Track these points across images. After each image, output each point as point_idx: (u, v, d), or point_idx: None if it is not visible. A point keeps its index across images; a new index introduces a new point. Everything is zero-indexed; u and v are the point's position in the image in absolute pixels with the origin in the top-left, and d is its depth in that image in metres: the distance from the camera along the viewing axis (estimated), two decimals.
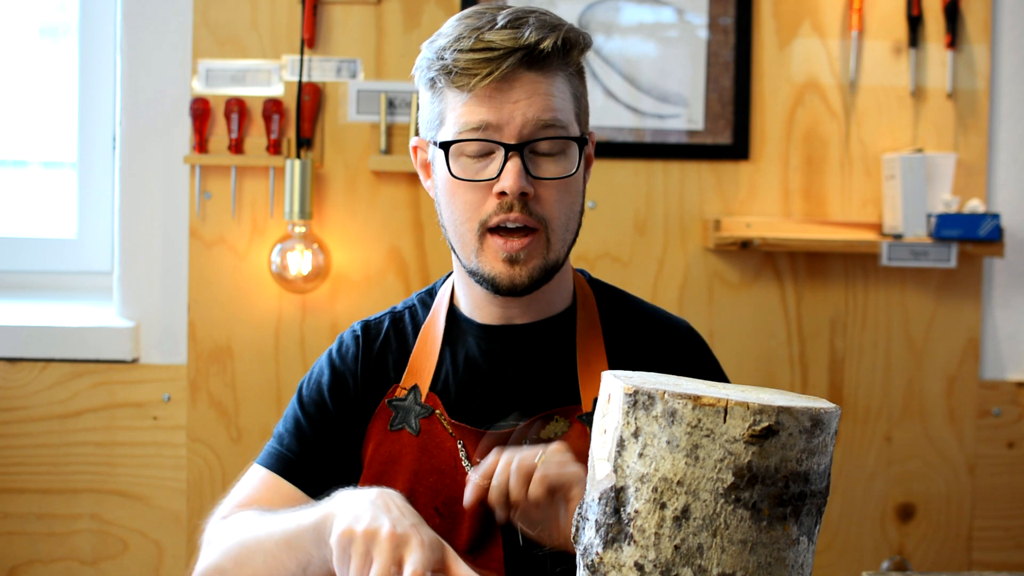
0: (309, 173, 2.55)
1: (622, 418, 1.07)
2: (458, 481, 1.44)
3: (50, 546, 2.65)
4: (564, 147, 1.40)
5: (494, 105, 1.37)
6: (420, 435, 1.46)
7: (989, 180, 2.70)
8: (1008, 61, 2.70)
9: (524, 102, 1.37)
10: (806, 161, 2.68)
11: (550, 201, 1.39)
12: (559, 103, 1.39)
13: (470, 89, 1.37)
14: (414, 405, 1.47)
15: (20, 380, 2.63)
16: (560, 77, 1.40)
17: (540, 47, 1.36)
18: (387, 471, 1.47)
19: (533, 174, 1.38)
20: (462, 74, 1.37)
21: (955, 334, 2.71)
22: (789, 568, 1.06)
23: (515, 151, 1.37)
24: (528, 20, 1.38)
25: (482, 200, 1.39)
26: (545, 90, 1.38)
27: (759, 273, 2.68)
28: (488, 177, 1.38)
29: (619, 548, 1.07)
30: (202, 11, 2.61)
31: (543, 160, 1.39)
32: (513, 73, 1.36)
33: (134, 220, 2.65)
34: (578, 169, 1.41)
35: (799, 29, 2.67)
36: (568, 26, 1.41)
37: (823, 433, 1.05)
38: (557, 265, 1.43)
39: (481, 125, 1.37)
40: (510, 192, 1.37)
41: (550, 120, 1.38)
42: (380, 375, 1.51)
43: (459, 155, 1.40)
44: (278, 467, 1.49)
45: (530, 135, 1.37)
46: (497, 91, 1.37)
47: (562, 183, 1.40)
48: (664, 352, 1.51)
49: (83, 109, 2.86)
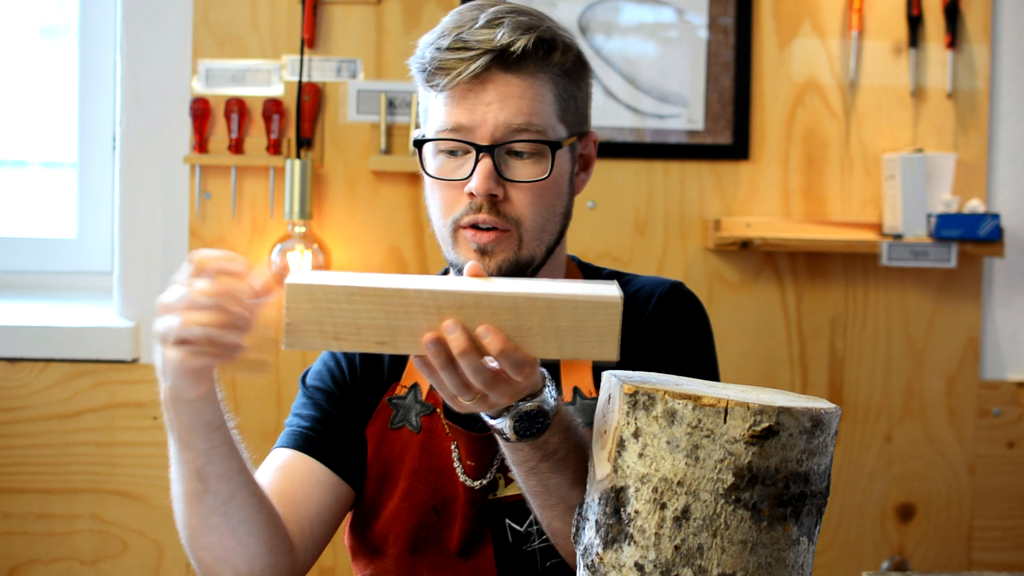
0: (309, 173, 2.55)
1: (622, 418, 1.07)
2: (455, 482, 1.44)
3: (50, 546, 2.65)
4: (540, 149, 1.38)
5: (467, 106, 1.36)
6: (421, 432, 1.46)
7: (989, 180, 2.70)
8: (1008, 61, 2.70)
9: (497, 104, 1.36)
10: (806, 161, 2.68)
11: (522, 203, 1.38)
12: (535, 106, 1.37)
13: (442, 89, 1.37)
14: (414, 403, 1.47)
15: (20, 380, 2.63)
16: (541, 79, 1.38)
17: (511, 49, 1.35)
18: (389, 469, 1.47)
19: (505, 176, 1.37)
20: (436, 73, 1.37)
21: (955, 334, 2.71)
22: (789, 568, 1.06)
23: (486, 152, 1.36)
24: (504, 20, 1.36)
25: (456, 199, 1.39)
26: (519, 92, 1.36)
27: (759, 273, 2.68)
28: (460, 177, 1.38)
29: (619, 548, 1.07)
30: (202, 11, 2.61)
31: (517, 162, 1.38)
32: (487, 74, 1.35)
33: (134, 220, 2.65)
34: (552, 172, 1.38)
35: (799, 29, 2.67)
36: (544, 27, 1.39)
37: (823, 433, 1.05)
38: (532, 262, 1.41)
39: (455, 126, 1.37)
40: (478, 194, 1.36)
41: (523, 124, 1.36)
42: (380, 373, 1.51)
43: (436, 153, 1.40)
44: (297, 444, 1.46)
45: (503, 137, 1.36)
46: (471, 92, 1.36)
47: (536, 186, 1.38)
48: (651, 317, 1.49)
49: (83, 109, 2.85)
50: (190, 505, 1.27)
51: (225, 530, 1.28)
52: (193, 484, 1.26)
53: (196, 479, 1.25)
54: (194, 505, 1.27)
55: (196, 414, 1.22)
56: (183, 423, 1.22)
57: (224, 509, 1.27)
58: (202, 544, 1.29)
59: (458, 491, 1.43)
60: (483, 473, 1.43)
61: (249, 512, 1.29)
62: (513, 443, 1.19)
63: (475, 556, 1.43)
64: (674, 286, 1.52)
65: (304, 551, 1.40)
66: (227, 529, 1.28)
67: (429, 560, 1.44)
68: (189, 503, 1.27)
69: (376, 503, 1.47)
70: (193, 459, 1.24)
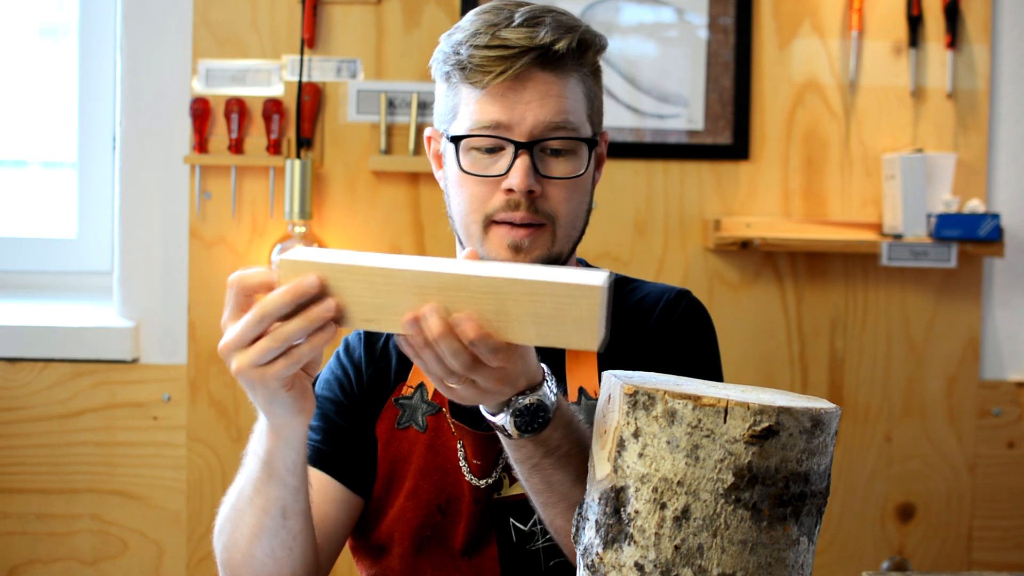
0: (309, 173, 2.55)
1: (622, 418, 1.07)
2: (460, 481, 1.44)
3: (50, 546, 2.65)
4: (574, 147, 1.41)
5: (507, 104, 1.38)
6: (427, 432, 1.46)
7: (989, 180, 2.70)
8: (1008, 61, 2.70)
9: (536, 103, 1.38)
10: (806, 161, 2.68)
11: (558, 199, 1.40)
12: (571, 104, 1.39)
13: (483, 86, 1.38)
14: (421, 403, 1.48)
15: (20, 380, 2.63)
16: (574, 78, 1.41)
17: (555, 48, 1.37)
18: (396, 469, 1.47)
19: (542, 172, 1.39)
20: (476, 71, 1.37)
21: (955, 334, 2.71)
22: (789, 568, 1.06)
23: (525, 149, 1.38)
24: (545, 20, 1.38)
25: (489, 194, 1.40)
26: (558, 91, 1.39)
27: (759, 273, 2.68)
28: (497, 173, 1.39)
29: (619, 548, 1.07)
30: (202, 11, 2.61)
31: (552, 159, 1.40)
32: (527, 72, 1.37)
33: (134, 220, 2.65)
34: (587, 169, 1.42)
35: (799, 29, 2.67)
36: (585, 27, 1.42)
37: (823, 433, 1.05)
38: (560, 259, 1.43)
39: (493, 123, 1.38)
40: (517, 190, 1.38)
41: (561, 122, 1.38)
42: (385, 374, 1.51)
43: (469, 149, 1.41)
44: (311, 459, 1.47)
45: (540, 135, 1.38)
46: (510, 90, 1.37)
47: (571, 182, 1.41)
48: (656, 323, 1.50)
49: (83, 109, 2.86)
50: (262, 538, 1.29)
51: (287, 561, 1.31)
52: (275, 520, 1.28)
53: (280, 515, 1.28)
54: (267, 539, 1.29)
55: (299, 450, 1.25)
56: (286, 459, 1.25)
57: (292, 543, 1.30)
58: (258, 572, 1.32)
59: (463, 490, 1.43)
60: (488, 472, 1.43)
61: (310, 544, 1.33)
62: (515, 440, 1.19)
63: (479, 555, 1.43)
64: (680, 293, 1.53)
65: (325, 570, 1.43)
66: (289, 560, 1.31)
67: (433, 559, 1.45)
68: (262, 536, 1.29)
69: (383, 504, 1.48)
70: (283, 496, 1.27)
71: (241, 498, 1.31)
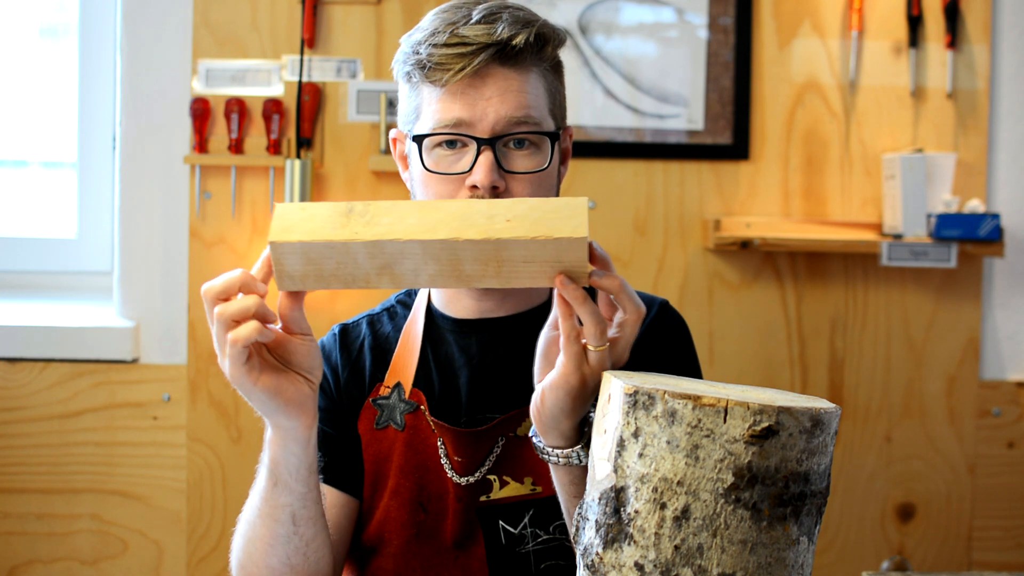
0: (309, 173, 2.55)
1: (622, 418, 1.07)
2: (442, 478, 1.44)
3: (50, 546, 2.65)
4: (537, 141, 1.41)
5: (467, 101, 1.38)
6: (406, 430, 1.47)
7: (989, 180, 2.70)
8: (1008, 61, 2.70)
9: (497, 98, 1.38)
10: (806, 161, 2.68)
11: (522, 194, 1.39)
12: (532, 99, 1.39)
13: (443, 84, 1.38)
14: (398, 402, 1.48)
15: (20, 380, 2.63)
16: (534, 73, 1.41)
17: (513, 43, 1.37)
18: (380, 469, 1.47)
19: (505, 168, 1.39)
20: (436, 69, 1.38)
21: (955, 334, 2.71)
22: (789, 568, 1.06)
23: (487, 145, 1.38)
24: (502, 16, 1.38)
25: (454, 192, 1.40)
26: (518, 86, 1.39)
27: (759, 273, 2.68)
28: (460, 170, 1.39)
29: (619, 548, 1.07)
30: (202, 11, 2.61)
31: (516, 154, 1.40)
32: (486, 68, 1.37)
33: (134, 220, 2.65)
34: (551, 163, 1.42)
35: (799, 29, 2.67)
36: (542, 22, 1.42)
37: (823, 433, 1.05)
38: None
39: (454, 121, 1.38)
40: (481, 186, 1.37)
41: (523, 117, 1.38)
42: (362, 375, 1.52)
43: (433, 148, 1.41)
44: None
45: (503, 131, 1.38)
46: (470, 87, 1.38)
47: (535, 176, 1.40)
48: (640, 339, 1.50)
49: (83, 109, 2.86)
50: (276, 547, 1.31)
51: (303, 568, 1.33)
52: (286, 527, 1.30)
53: (290, 522, 1.30)
54: (281, 547, 1.31)
55: (301, 455, 1.26)
56: (290, 465, 1.26)
57: (306, 550, 1.32)
58: None
59: (446, 487, 1.44)
60: (472, 470, 1.43)
61: (326, 550, 1.35)
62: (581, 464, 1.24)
63: (466, 554, 1.43)
64: (662, 305, 1.54)
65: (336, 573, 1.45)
66: (305, 567, 1.33)
67: (422, 557, 1.45)
68: (275, 544, 1.31)
69: (372, 504, 1.48)
70: (290, 503, 1.29)
71: (252, 511, 1.33)
